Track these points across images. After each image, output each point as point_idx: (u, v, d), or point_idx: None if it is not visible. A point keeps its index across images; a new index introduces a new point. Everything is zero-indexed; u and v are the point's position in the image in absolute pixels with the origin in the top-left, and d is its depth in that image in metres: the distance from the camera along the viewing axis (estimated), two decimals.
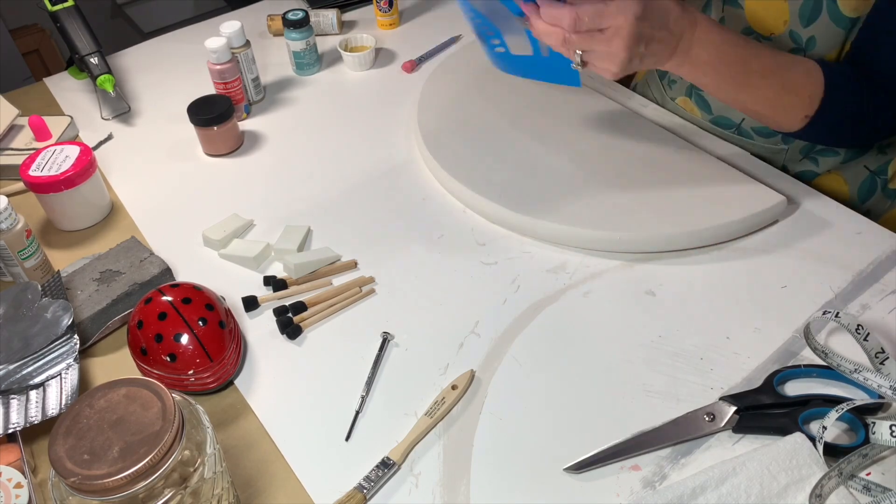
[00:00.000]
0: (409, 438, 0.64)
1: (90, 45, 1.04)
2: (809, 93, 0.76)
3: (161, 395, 0.50)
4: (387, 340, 0.73)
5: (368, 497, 0.61)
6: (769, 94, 0.76)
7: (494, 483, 0.61)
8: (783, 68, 0.76)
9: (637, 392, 0.67)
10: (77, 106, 1.11)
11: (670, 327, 0.72)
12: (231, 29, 1.01)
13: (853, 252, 0.78)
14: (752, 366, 0.68)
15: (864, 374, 0.60)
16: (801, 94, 0.76)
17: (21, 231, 0.76)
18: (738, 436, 0.63)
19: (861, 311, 0.72)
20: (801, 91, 0.76)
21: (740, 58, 0.73)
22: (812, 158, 0.89)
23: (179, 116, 1.03)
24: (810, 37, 0.81)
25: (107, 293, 0.75)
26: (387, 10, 1.22)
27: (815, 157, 0.89)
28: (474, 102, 0.99)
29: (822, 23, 0.79)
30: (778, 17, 0.82)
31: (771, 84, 0.76)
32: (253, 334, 0.75)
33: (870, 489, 0.58)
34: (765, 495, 0.57)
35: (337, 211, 0.89)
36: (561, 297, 0.76)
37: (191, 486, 0.50)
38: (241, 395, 0.70)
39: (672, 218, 0.80)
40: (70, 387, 0.66)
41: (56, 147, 0.88)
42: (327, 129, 1.02)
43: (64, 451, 0.47)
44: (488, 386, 0.68)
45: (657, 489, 0.59)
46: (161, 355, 0.67)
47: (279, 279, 0.80)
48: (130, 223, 0.90)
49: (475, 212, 0.87)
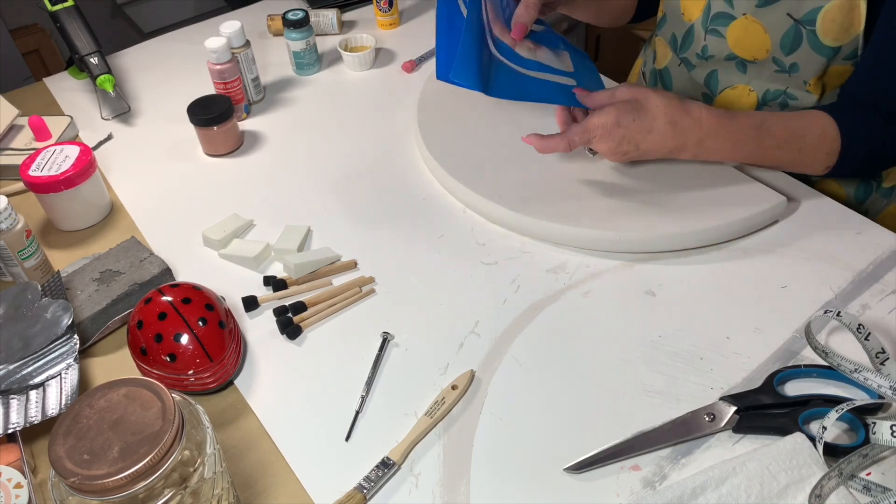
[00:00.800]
0: (409, 438, 0.64)
1: (90, 45, 1.04)
2: (827, 150, 0.80)
3: (161, 395, 0.50)
4: (387, 340, 0.73)
5: (368, 497, 0.61)
6: (787, 159, 0.81)
7: (494, 483, 0.61)
8: (797, 136, 0.80)
9: (637, 392, 0.67)
10: (77, 106, 1.11)
11: (670, 327, 0.72)
12: (231, 29, 1.01)
13: (853, 252, 0.78)
14: (752, 366, 0.68)
15: (864, 374, 0.60)
16: (818, 154, 0.81)
17: (21, 231, 0.76)
18: (738, 436, 0.63)
19: (861, 311, 0.72)
20: (818, 152, 0.80)
21: (753, 138, 0.79)
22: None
23: (179, 116, 1.03)
24: (793, 63, 0.83)
25: (107, 293, 0.75)
26: (387, 10, 1.22)
27: None
28: (474, 102, 0.99)
29: (804, 51, 0.82)
30: (760, 46, 0.84)
31: (788, 151, 0.80)
32: (253, 334, 0.75)
33: (870, 489, 0.58)
34: (765, 495, 0.57)
35: (337, 211, 0.89)
36: (561, 297, 0.76)
37: (191, 486, 0.50)
38: (241, 395, 0.70)
39: (672, 218, 0.80)
40: (70, 387, 0.66)
41: (56, 147, 0.88)
42: (327, 129, 1.02)
43: (64, 451, 0.47)
44: (488, 386, 0.68)
45: (657, 489, 0.59)
46: (161, 355, 0.67)
47: (279, 279, 0.80)
48: (130, 223, 0.90)
49: (475, 212, 0.87)
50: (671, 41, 0.97)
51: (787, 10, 0.80)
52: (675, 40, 0.96)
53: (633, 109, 0.77)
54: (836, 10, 0.77)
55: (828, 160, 0.80)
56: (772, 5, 0.81)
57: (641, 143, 0.78)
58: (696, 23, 0.90)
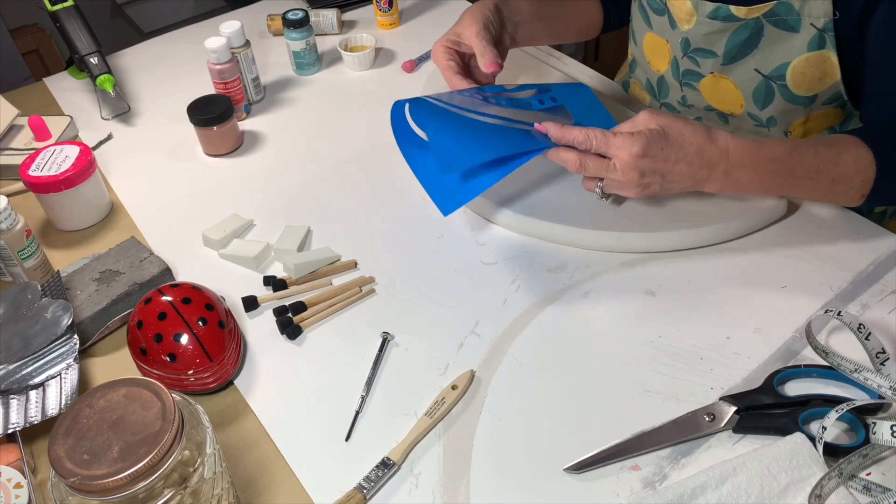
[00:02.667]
0: (409, 438, 0.64)
1: (90, 44, 1.03)
2: (862, 178, 0.74)
3: (161, 395, 0.50)
4: (387, 340, 0.73)
5: (368, 497, 0.61)
6: (820, 189, 0.75)
7: (494, 483, 0.61)
8: (830, 164, 0.73)
9: (637, 392, 0.67)
10: (77, 106, 1.11)
11: (670, 327, 0.72)
12: (231, 29, 1.01)
13: (853, 252, 0.78)
14: (752, 366, 0.68)
15: (864, 374, 0.60)
16: (852, 182, 0.74)
17: (21, 231, 0.76)
18: (739, 436, 0.63)
19: (861, 311, 0.72)
20: (852, 180, 0.74)
21: (783, 168, 0.73)
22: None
23: (179, 116, 1.03)
24: (769, 117, 0.82)
25: (107, 293, 0.75)
26: (387, 10, 1.22)
27: None
28: None
29: (778, 104, 0.80)
30: (734, 101, 0.83)
31: (820, 181, 0.74)
32: (253, 334, 0.75)
33: (870, 489, 0.58)
34: (765, 495, 0.57)
35: (337, 211, 0.89)
36: (561, 297, 0.76)
37: (191, 486, 0.50)
38: (241, 395, 0.70)
39: (672, 218, 0.80)
40: (70, 387, 0.66)
41: (56, 147, 0.88)
42: (327, 129, 1.02)
43: (64, 451, 0.47)
44: (488, 386, 0.68)
45: (657, 489, 0.59)
46: (161, 355, 0.67)
47: (279, 279, 0.80)
48: (130, 223, 0.90)
49: (475, 212, 0.87)
50: (647, 87, 0.97)
51: (754, 66, 0.80)
52: (651, 87, 0.96)
53: (661, 138, 0.69)
54: (804, 64, 0.77)
55: (863, 188, 0.74)
56: (737, 62, 0.80)
57: (668, 175, 0.71)
58: (666, 74, 0.90)
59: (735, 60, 0.80)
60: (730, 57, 0.81)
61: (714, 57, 0.82)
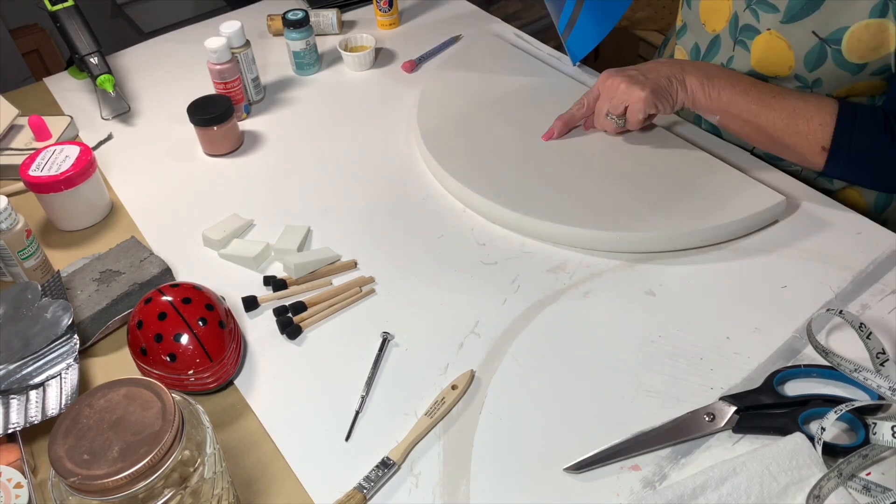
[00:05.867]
0: (409, 438, 0.64)
1: (90, 44, 1.03)
2: (820, 122, 0.79)
3: (161, 395, 0.50)
4: (387, 340, 0.73)
5: (368, 497, 0.61)
6: (784, 117, 0.80)
7: (494, 483, 0.61)
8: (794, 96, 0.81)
9: (637, 392, 0.67)
10: (77, 106, 1.11)
11: (670, 327, 0.72)
12: (231, 29, 1.01)
13: (853, 252, 0.78)
14: (752, 366, 0.68)
15: (864, 374, 0.60)
16: (812, 123, 0.79)
17: (21, 231, 0.76)
18: (738, 436, 0.63)
19: (861, 311, 0.72)
20: (811, 120, 0.79)
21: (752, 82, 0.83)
22: (826, 177, 0.89)
23: (179, 116, 1.03)
24: (816, 79, 0.82)
25: (107, 293, 0.75)
26: (387, 10, 1.22)
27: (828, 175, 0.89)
28: (474, 102, 0.99)
29: (828, 67, 0.81)
30: (784, 63, 0.83)
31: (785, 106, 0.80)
32: (253, 334, 0.75)
33: (869, 489, 0.58)
34: (765, 495, 0.57)
35: (337, 211, 0.89)
36: (561, 297, 0.76)
37: (191, 486, 0.50)
38: (241, 395, 0.70)
39: (672, 218, 0.80)
40: (70, 387, 0.66)
41: (56, 147, 0.88)
42: (327, 129, 1.02)
43: (64, 451, 0.47)
44: (488, 386, 0.68)
45: (657, 489, 0.59)
46: (161, 355, 0.67)
47: (279, 279, 0.80)
48: (130, 223, 0.90)
49: (475, 212, 0.87)
50: (692, 51, 0.96)
51: (812, 27, 0.79)
52: (697, 49, 0.95)
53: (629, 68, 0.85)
54: (863, 30, 0.76)
55: (822, 134, 0.79)
56: (797, 22, 0.80)
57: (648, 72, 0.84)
58: (722, 33, 0.89)
59: (795, 20, 0.79)
60: (790, 15, 0.80)
61: (775, 12, 0.81)
